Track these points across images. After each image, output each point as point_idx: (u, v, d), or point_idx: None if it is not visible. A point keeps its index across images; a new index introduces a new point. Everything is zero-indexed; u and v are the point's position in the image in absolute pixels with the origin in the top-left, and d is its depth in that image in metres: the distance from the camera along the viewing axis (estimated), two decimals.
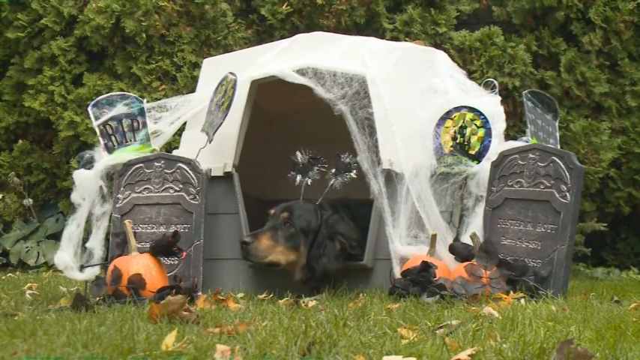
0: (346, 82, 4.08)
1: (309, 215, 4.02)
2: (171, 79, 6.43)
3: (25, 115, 6.77)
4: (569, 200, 3.74)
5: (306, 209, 4.04)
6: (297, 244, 3.96)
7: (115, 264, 3.70)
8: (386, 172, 4.00)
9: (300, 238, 3.96)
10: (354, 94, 4.06)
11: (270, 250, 3.89)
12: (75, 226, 4.10)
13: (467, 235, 3.86)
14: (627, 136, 6.39)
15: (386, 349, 2.22)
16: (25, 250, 6.56)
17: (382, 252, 3.99)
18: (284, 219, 3.98)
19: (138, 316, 2.91)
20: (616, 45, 6.31)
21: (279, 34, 6.43)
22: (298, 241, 3.96)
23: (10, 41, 6.77)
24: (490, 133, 4.00)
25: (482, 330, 2.55)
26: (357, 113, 4.04)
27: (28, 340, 2.35)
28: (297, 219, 3.98)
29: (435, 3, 6.55)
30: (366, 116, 4.03)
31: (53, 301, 3.69)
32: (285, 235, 3.95)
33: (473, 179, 4.03)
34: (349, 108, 4.04)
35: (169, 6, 6.39)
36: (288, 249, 3.94)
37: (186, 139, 4.50)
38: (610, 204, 6.43)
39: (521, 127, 5.97)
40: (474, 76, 6.05)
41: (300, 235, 3.96)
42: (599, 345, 2.31)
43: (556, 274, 3.69)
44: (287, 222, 3.97)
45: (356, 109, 4.04)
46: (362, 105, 4.05)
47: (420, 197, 3.94)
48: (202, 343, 2.24)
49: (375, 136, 4.03)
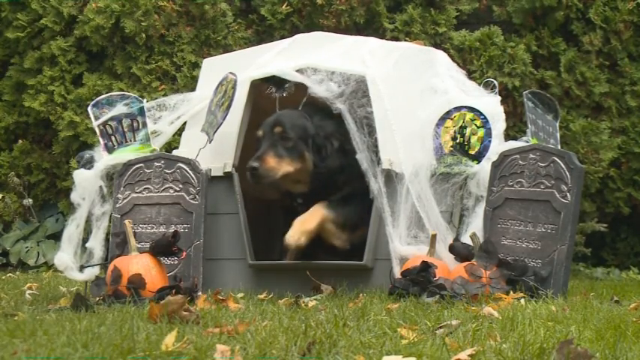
0: (344, 81, 4.08)
1: (302, 122, 4.05)
2: (171, 79, 6.43)
3: (24, 115, 6.77)
4: (570, 200, 3.74)
5: (295, 117, 4.08)
6: (300, 152, 4.01)
7: (115, 264, 3.70)
8: (386, 172, 4.00)
9: (302, 146, 4.01)
10: (352, 92, 4.06)
11: (278, 166, 3.94)
12: (75, 226, 4.10)
13: (467, 235, 3.86)
14: (627, 135, 6.38)
15: (386, 349, 2.22)
16: (25, 250, 6.56)
17: (382, 252, 3.99)
18: (279, 133, 4.00)
19: (138, 316, 2.90)
20: (616, 45, 6.31)
21: (279, 34, 6.43)
22: (301, 149, 4.01)
23: (10, 41, 6.77)
24: (490, 133, 4.00)
25: (482, 330, 2.55)
26: (355, 112, 4.04)
27: (28, 340, 2.35)
28: (292, 129, 4.01)
29: (435, 3, 6.55)
30: (364, 115, 4.03)
31: (53, 301, 3.68)
32: (287, 147, 3.98)
33: (473, 179, 4.03)
34: (347, 107, 4.04)
35: (169, 6, 6.39)
36: (293, 160, 3.99)
37: (186, 139, 4.50)
38: (610, 204, 6.43)
39: (521, 127, 5.97)
40: (474, 76, 6.05)
41: (300, 143, 4.00)
42: (599, 345, 2.31)
43: (556, 274, 3.69)
44: (283, 135, 3.99)
45: (354, 107, 4.04)
46: (360, 104, 4.05)
47: (420, 197, 3.94)
48: (202, 343, 2.24)
49: (375, 136, 4.03)
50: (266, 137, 4.01)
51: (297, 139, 3.99)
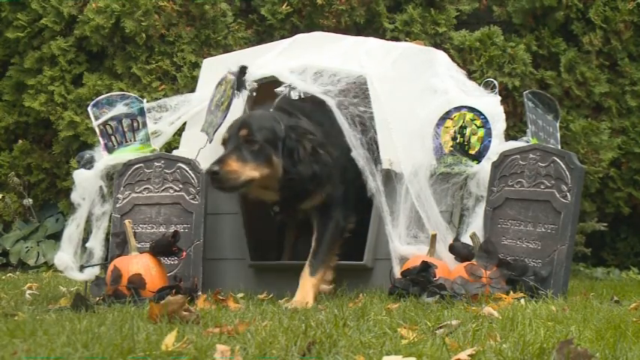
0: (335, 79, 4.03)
1: (270, 124, 3.75)
2: (171, 79, 6.43)
3: (25, 115, 6.77)
4: (570, 200, 3.74)
5: (264, 119, 3.80)
6: (267, 157, 3.69)
7: (115, 264, 3.70)
8: (385, 172, 3.99)
9: (269, 150, 3.69)
10: (342, 90, 4.02)
11: (241, 170, 3.62)
12: (75, 226, 4.10)
13: (467, 235, 3.86)
14: (627, 136, 6.39)
15: (386, 349, 2.22)
16: (25, 250, 6.56)
17: (382, 252, 3.99)
18: (244, 136, 3.70)
19: (138, 316, 2.90)
20: (616, 45, 6.31)
21: (279, 34, 6.43)
22: (267, 153, 3.69)
23: (10, 41, 6.77)
24: (490, 133, 4.00)
25: (482, 330, 2.55)
26: (346, 109, 3.99)
27: (28, 340, 2.35)
28: (259, 132, 3.69)
29: (435, 3, 6.55)
30: (357, 113, 3.99)
31: (53, 301, 3.68)
32: (252, 151, 3.67)
33: (473, 179, 4.03)
34: (335, 102, 3.97)
35: (169, 6, 6.39)
36: (259, 165, 3.67)
37: (186, 139, 4.50)
38: (610, 204, 6.43)
39: (521, 127, 5.97)
40: (474, 76, 6.05)
41: (267, 148, 3.69)
42: (599, 345, 2.31)
43: (556, 274, 3.69)
44: (248, 138, 3.69)
45: (345, 104, 3.99)
46: (353, 102, 4.01)
47: (419, 197, 3.94)
48: (202, 343, 2.24)
49: (369, 134, 4.00)
50: (231, 140, 3.73)
51: (265, 142, 3.69)
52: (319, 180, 3.79)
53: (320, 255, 3.81)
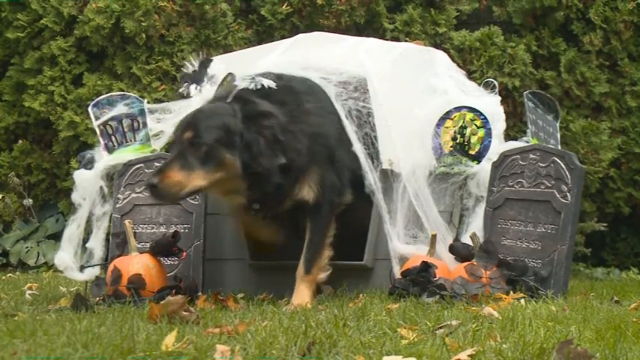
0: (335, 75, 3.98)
1: (222, 120, 3.34)
2: (171, 79, 6.43)
3: (25, 115, 6.77)
4: (570, 200, 3.74)
5: (216, 115, 3.39)
6: (219, 159, 3.29)
7: (115, 264, 3.70)
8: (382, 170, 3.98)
9: (220, 151, 3.29)
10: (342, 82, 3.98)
11: (185, 180, 3.24)
12: (75, 226, 4.10)
13: (467, 235, 3.86)
14: (627, 136, 6.38)
15: (386, 349, 2.22)
16: (25, 250, 6.56)
17: (382, 252, 3.99)
18: (189, 140, 3.30)
19: (138, 316, 2.91)
20: (616, 45, 6.31)
21: (279, 34, 6.43)
22: (219, 155, 3.29)
23: (10, 41, 6.77)
24: (490, 133, 4.00)
25: (482, 330, 2.55)
26: (345, 101, 3.94)
27: (28, 340, 2.35)
28: (207, 132, 3.30)
29: (435, 3, 6.55)
30: (356, 108, 3.97)
31: (53, 301, 3.69)
32: (198, 155, 3.27)
33: (473, 179, 4.04)
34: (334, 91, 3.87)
35: (169, 6, 6.39)
36: (208, 171, 3.28)
37: None
38: (610, 204, 6.43)
39: (521, 127, 5.97)
40: (474, 76, 6.05)
41: (217, 148, 3.29)
42: (599, 345, 2.31)
43: (556, 274, 3.69)
44: (194, 140, 3.29)
45: (343, 96, 3.93)
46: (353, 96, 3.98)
47: (417, 196, 3.93)
48: (202, 343, 2.24)
49: (365, 130, 3.98)
50: (175, 145, 3.37)
51: (215, 142, 3.29)
52: (294, 168, 3.43)
53: (312, 248, 3.66)
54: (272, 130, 3.35)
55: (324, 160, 3.64)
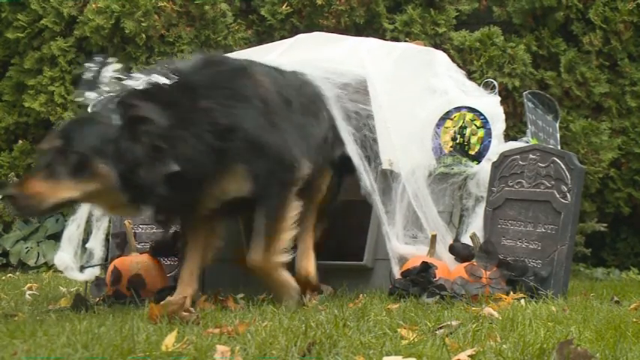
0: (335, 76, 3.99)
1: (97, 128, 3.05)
2: None
3: (25, 115, 6.77)
4: (570, 201, 3.75)
5: (89, 122, 3.14)
6: (92, 170, 2.98)
7: (115, 264, 3.70)
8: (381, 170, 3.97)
9: (94, 161, 2.98)
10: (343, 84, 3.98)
11: (49, 192, 2.93)
12: (75, 226, 4.10)
13: (467, 235, 3.86)
14: (627, 136, 6.39)
15: (386, 349, 2.22)
16: (25, 250, 6.56)
17: (382, 252, 3.99)
18: (58, 149, 2.99)
19: (138, 316, 2.90)
20: (616, 45, 6.32)
21: (279, 34, 6.43)
22: (92, 165, 2.98)
23: (10, 41, 6.77)
24: (490, 133, 4.00)
25: (482, 330, 2.55)
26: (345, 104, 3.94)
27: (28, 340, 2.35)
28: (79, 140, 3.00)
29: (434, 3, 6.55)
30: (355, 110, 3.96)
31: (53, 301, 3.69)
32: (67, 165, 2.97)
33: (472, 179, 4.04)
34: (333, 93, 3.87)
35: (169, 6, 6.40)
36: (79, 181, 2.98)
37: None
38: (610, 204, 6.43)
39: (521, 128, 5.97)
40: (474, 76, 6.05)
41: (91, 157, 2.98)
42: (599, 345, 2.31)
43: (556, 274, 3.69)
44: (63, 149, 2.99)
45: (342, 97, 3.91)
46: (352, 98, 3.97)
47: (416, 196, 3.93)
48: (202, 343, 2.24)
49: (362, 131, 3.98)
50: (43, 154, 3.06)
51: (88, 151, 2.98)
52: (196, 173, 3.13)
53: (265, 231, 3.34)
54: (149, 136, 3.03)
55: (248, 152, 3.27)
